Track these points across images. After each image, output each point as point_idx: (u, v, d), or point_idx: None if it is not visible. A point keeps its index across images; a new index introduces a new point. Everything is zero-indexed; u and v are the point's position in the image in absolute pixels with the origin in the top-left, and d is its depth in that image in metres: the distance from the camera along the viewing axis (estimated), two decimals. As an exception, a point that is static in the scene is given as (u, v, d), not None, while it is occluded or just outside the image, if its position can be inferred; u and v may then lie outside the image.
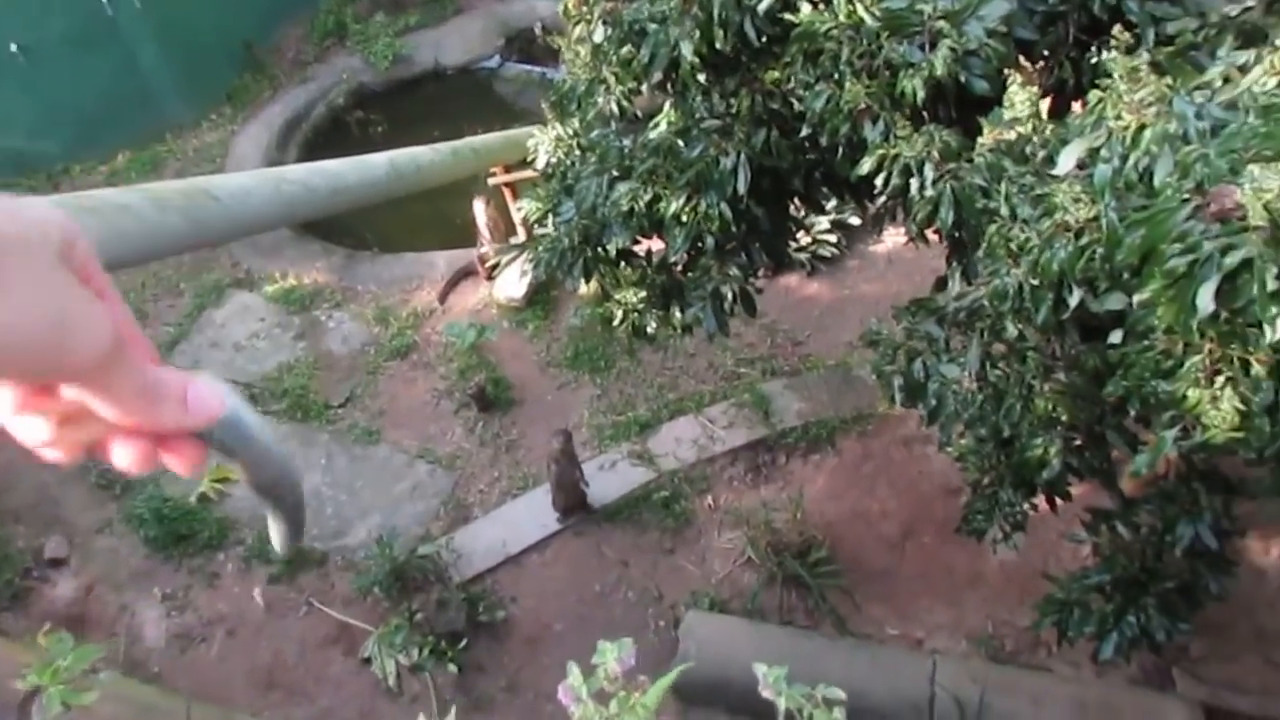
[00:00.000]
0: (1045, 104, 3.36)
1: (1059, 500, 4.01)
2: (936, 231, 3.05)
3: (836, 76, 2.99)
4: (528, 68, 10.56)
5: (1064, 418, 2.95)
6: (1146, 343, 2.15)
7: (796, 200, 4.46)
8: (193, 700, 5.67)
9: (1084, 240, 2.22)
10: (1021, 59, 3.06)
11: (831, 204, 4.75)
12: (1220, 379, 2.00)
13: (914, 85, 2.79)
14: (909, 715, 5.40)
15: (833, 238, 7.77)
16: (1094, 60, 3.04)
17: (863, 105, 2.90)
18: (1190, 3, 2.70)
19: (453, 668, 5.89)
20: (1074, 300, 2.30)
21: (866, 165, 2.96)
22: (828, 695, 1.55)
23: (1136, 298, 2.02)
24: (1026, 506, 4.10)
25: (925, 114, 2.93)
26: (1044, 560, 5.84)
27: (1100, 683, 5.53)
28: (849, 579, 6.11)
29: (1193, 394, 2.05)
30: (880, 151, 2.89)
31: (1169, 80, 2.15)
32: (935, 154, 2.79)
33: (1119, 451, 3.60)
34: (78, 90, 8.59)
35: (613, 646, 1.50)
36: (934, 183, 2.77)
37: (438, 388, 7.37)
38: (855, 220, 7.76)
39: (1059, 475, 3.54)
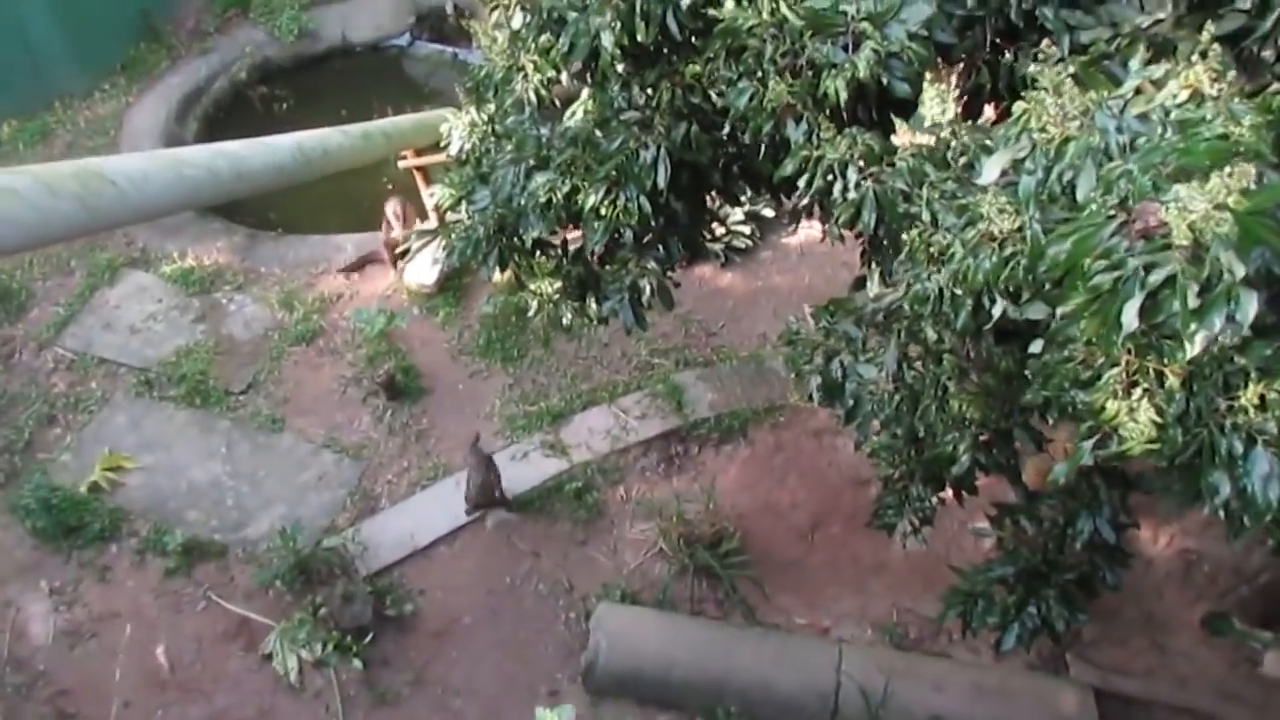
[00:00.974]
0: (960, 106, 3.42)
1: (965, 494, 4.11)
2: (857, 233, 3.07)
3: (760, 74, 2.98)
4: (439, 47, 10.31)
5: (976, 418, 3.00)
6: (1066, 353, 2.20)
7: (714, 193, 4.46)
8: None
9: (1008, 251, 2.26)
10: (940, 61, 3.09)
11: (747, 196, 4.75)
12: (1137, 391, 2.06)
13: (837, 86, 2.80)
14: (816, 704, 5.50)
15: (747, 229, 7.81)
16: (1011, 64, 3.09)
17: (786, 104, 2.90)
18: (1103, 12, 2.77)
19: (357, 663, 5.76)
20: (997, 310, 2.35)
21: (789, 167, 2.96)
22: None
23: (1060, 310, 2.06)
24: (935, 500, 4.20)
25: (845, 115, 2.93)
26: (947, 550, 6.00)
27: (998, 667, 5.70)
28: (759, 569, 6.17)
29: (1111, 405, 2.10)
30: (804, 153, 2.89)
31: (1092, 94, 2.19)
32: (858, 157, 2.81)
33: (1022, 446, 3.71)
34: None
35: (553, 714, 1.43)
36: (856, 186, 2.79)
37: (345, 375, 7.18)
38: (769, 212, 7.82)
39: (968, 471, 3.62)
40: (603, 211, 3.92)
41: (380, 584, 6.09)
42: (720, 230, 7.61)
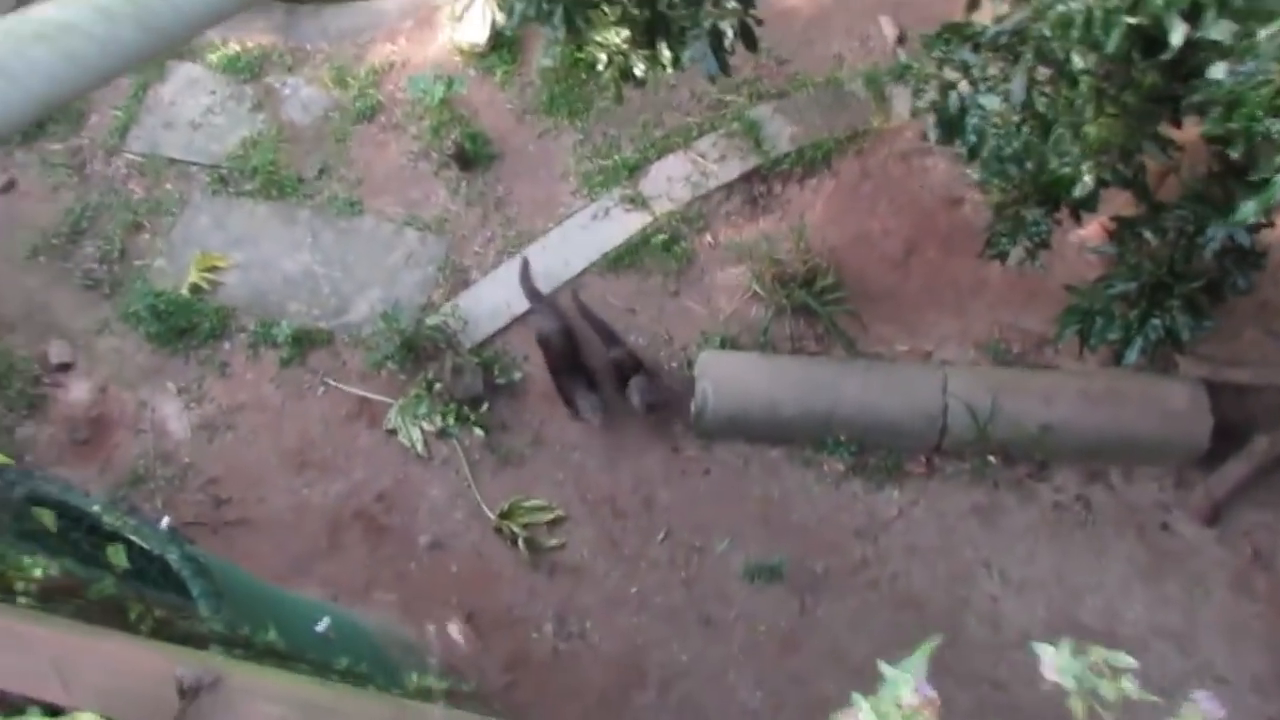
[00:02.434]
0: None
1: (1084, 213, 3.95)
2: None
3: None
4: None
5: (1116, 142, 2.80)
6: (1259, 76, 1.98)
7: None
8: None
9: (1194, -36, 1.99)
10: None
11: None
12: None
13: None
14: (924, 426, 5.65)
15: (812, -63, 7.16)
16: None
17: None
18: None
19: (479, 431, 6.03)
20: (1177, 38, 2.10)
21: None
22: (1112, 662, 1.36)
23: (1264, 31, 1.83)
24: (1051, 222, 4.05)
25: None
26: (1050, 264, 5.85)
27: (1105, 373, 5.74)
28: (856, 302, 6.16)
29: None
30: None
31: None
32: None
33: (1150, 157, 3.50)
34: None
35: (903, 674, 1.31)
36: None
37: (412, 149, 7.02)
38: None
39: (1092, 192, 3.45)
40: (680, -51, 3.58)
41: (486, 354, 6.25)
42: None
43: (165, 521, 4.96)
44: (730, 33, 4.00)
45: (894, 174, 6.54)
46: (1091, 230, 5.34)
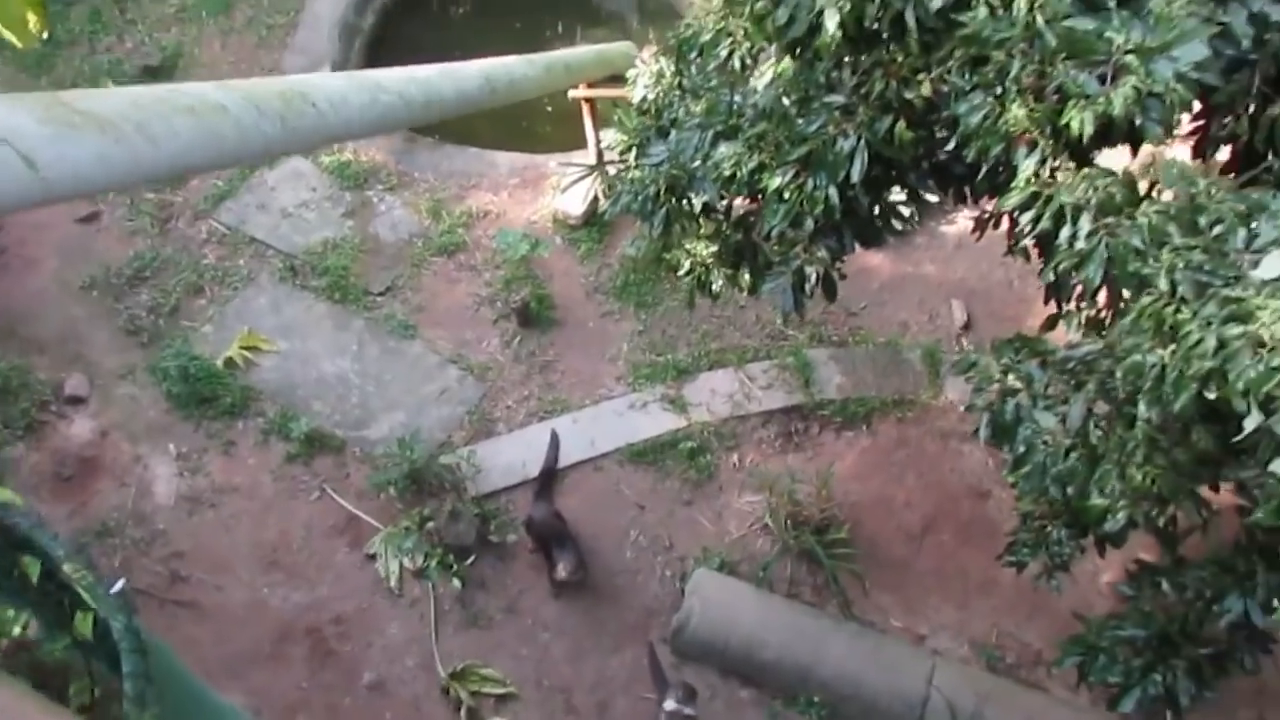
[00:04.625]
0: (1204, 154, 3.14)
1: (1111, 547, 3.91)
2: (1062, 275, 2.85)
3: (999, 92, 2.76)
4: (620, -29, 10.09)
5: (1158, 493, 2.81)
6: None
7: (899, 188, 4.25)
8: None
9: (1276, 361, 2.05)
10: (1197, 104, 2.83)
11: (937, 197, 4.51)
12: None
13: (1084, 118, 2.58)
14: (902, 711, 5.42)
15: (906, 211, 7.48)
16: (1276, 119, 2.81)
17: (1023, 130, 2.69)
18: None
19: (456, 582, 5.90)
20: (1251, 422, 2.14)
21: (1014, 198, 2.76)
22: None
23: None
24: (1075, 547, 4.01)
25: (1085, 149, 2.71)
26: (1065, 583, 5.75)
27: (1096, 712, 5.51)
28: (862, 563, 6.07)
29: None
30: (1032, 189, 2.68)
31: None
32: (1094, 204, 2.60)
33: (1185, 514, 3.48)
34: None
35: None
36: (1088, 236, 2.58)
37: (480, 294, 7.22)
38: (932, 196, 7.47)
39: (1122, 530, 3.43)
40: (787, 195, 3.76)
41: (487, 507, 6.18)
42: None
43: (119, 585, 4.82)
44: (814, 278, 4.12)
45: (929, 450, 6.57)
46: (1107, 564, 5.27)
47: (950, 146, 3.13)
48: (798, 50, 3.67)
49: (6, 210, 2.59)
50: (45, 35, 3.45)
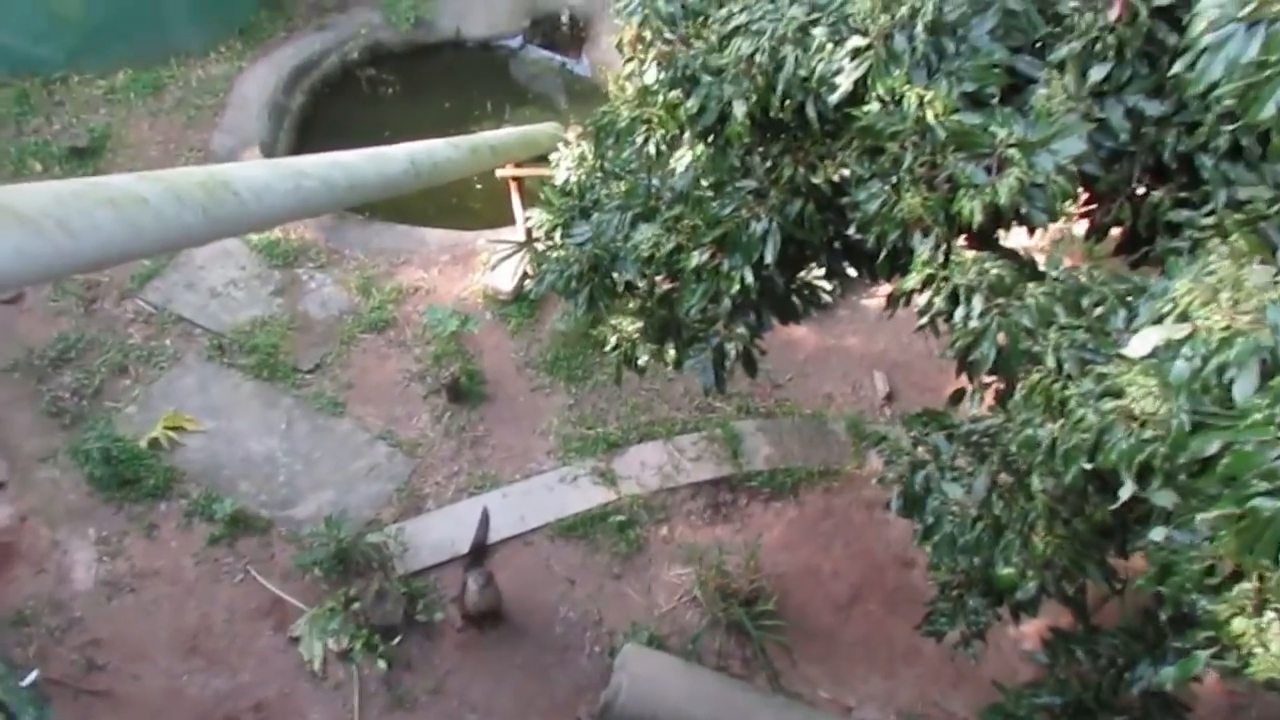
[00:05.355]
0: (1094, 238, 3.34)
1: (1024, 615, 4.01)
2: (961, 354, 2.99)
3: (894, 181, 2.93)
4: (549, 54, 10.34)
5: (1061, 562, 2.92)
6: (1193, 552, 2.13)
7: (814, 266, 4.42)
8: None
9: (1148, 434, 2.19)
10: (1081, 191, 3.02)
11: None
12: (1270, 614, 1.98)
13: (973, 207, 2.74)
14: (830, 785, 5.42)
15: (828, 285, 7.70)
16: (1155, 205, 3.01)
17: (917, 217, 2.85)
18: (1268, 171, 2.67)
19: (382, 663, 5.80)
20: (1125, 493, 2.27)
21: (912, 280, 2.91)
22: None
23: (1200, 515, 1.99)
24: (991, 615, 4.11)
25: (976, 235, 2.88)
26: (984, 651, 5.85)
27: (1020, 780, 5.56)
28: (791, 634, 6.11)
29: (1238, 623, 2.03)
30: (929, 271, 2.84)
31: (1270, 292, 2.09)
32: (986, 286, 2.75)
33: (1093, 582, 3.61)
34: (90, 1, 8.26)
35: None
36: (981, 315, 2.73)
37: (410, 369, 7.23)
38: (852, 271, 7.71)
39: (1034, 598, 3.53)
40: (704, 276, 3.89)
41: (415, 585, 6.11)
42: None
43: (33, 676, 4.66)
44: (733, 354, 4.24)
45: (855, 520, 6.68)
46: (1030, 631, 5.39)
47: (851, 230, 3.27)
48: (710, 137, 3.84)
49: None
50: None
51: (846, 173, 3.42)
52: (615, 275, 4.50)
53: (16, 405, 6.71)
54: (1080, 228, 3.96)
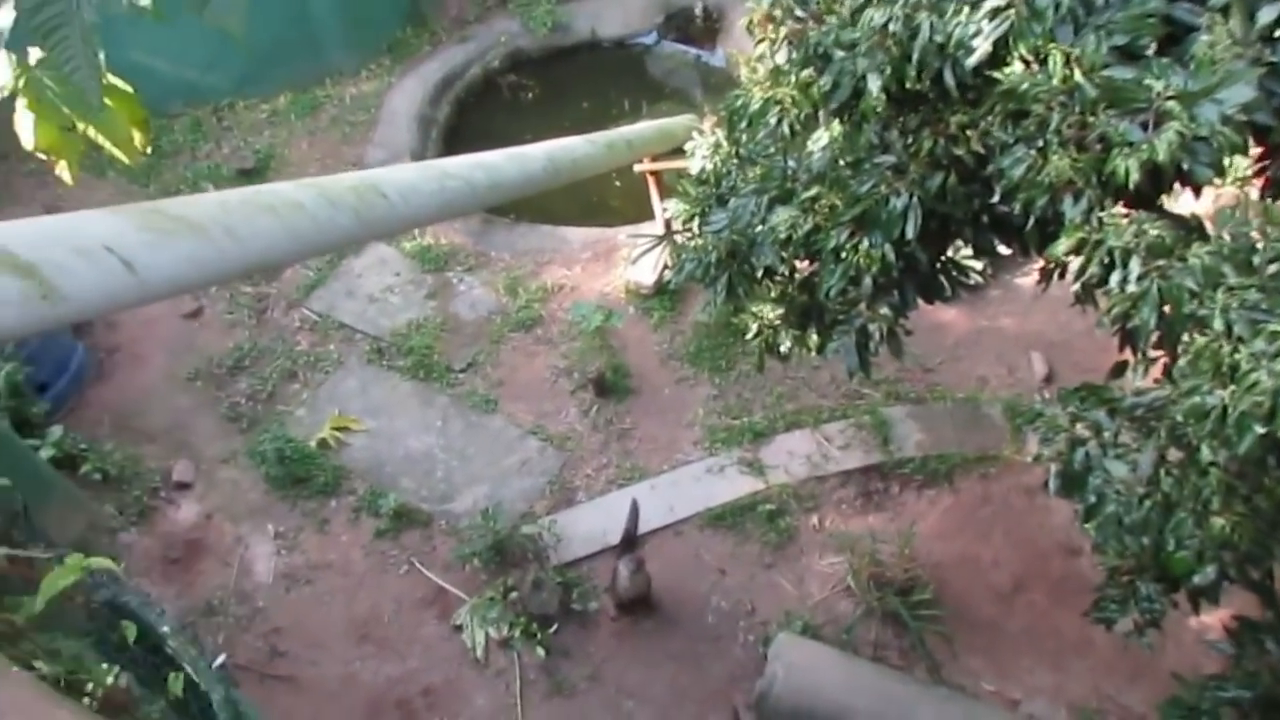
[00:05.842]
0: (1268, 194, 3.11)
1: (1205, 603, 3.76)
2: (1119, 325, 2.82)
3: (1041, 144, 2.80)
4: (684, 48, 10.40)
5: (1240, 543, 2.73)
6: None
7: (960, 242, 4.26)
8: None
9: (1328, 395, 2.02)
10: (1253, 145, 2.80)
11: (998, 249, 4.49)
12: None
13: (1129, 165, 2.59)
14: (997, 779, 5.22)
15: (978, 265, 7.44)
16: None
17: (1067, 180, 2.71)
18: None
19: (540, 651, 5.94)
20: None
21: (1063, 246, 2.77)
22: None
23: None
24: (1166, 602, 3.87)
25: (1132, 196, 2.71)
26: (1163, 643, 5.53)
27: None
28: (950, 625, 5.93)
29: None
30: (1080, 235, 2.70)
31: None
32: (1144, 247, 2.60)
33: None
34: (252, 30, 8.76)
35: None
36: (1139, 279, 2.58)
37: (557, 365, 7.39)
38: (1004, 249, 7.41)
39: (1214, 584, 3.31)
40: (844, 255, 3.82)
41: (569, 576, 6.25)
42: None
43: (221, 659, 5.01)
44: (877, 335, 4.14)
45: (1016, 506, 6.42)
46: (1213, 621, 5.04)
47: (996, 199, 3.15)
48: (845, 115, 3.76)
49: (111, 310, 2.82)
50: (148, 150, 3.75)
51: (991, 142, 3.29)
52: (754, 261, 4.45)
53: (199, 411, 7.22)
54: (1256, 190, 3.69)
